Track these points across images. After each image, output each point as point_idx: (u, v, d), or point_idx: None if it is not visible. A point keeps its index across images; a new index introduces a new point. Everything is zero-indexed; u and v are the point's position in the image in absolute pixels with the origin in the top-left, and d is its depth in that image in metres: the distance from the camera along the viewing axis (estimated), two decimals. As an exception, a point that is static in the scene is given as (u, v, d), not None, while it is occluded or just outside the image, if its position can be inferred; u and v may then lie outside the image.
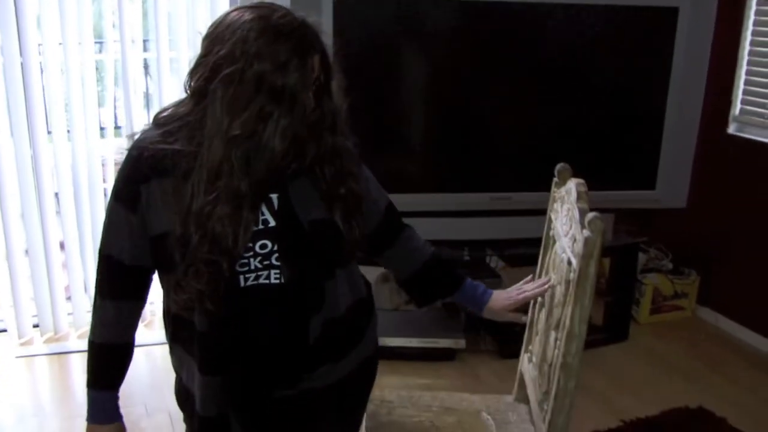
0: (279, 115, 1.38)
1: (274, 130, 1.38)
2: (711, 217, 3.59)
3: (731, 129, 3.50)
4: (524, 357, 2.06)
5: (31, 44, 3.02)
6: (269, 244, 1.46)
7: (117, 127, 3.34)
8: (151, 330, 3.32)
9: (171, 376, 1.84)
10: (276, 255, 1.46)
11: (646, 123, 3.16)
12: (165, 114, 1.49)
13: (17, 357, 3.20)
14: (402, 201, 3.08)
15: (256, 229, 1.44)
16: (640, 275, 3.62)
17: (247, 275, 1.45)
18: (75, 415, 2.80)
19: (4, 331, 3.34)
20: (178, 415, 1.88)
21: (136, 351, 1.75)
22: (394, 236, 1.78)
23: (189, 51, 3.22)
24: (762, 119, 3.35)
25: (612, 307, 3.46)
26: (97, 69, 3.23)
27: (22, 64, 3.02)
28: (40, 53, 3.07)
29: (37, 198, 3.20)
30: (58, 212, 3.29)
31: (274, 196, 1.47)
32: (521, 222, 3.06)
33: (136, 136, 1.48)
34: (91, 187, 3.25)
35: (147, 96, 3.48)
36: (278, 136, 1.38)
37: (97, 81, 3.22)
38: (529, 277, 1.91)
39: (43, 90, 3.13)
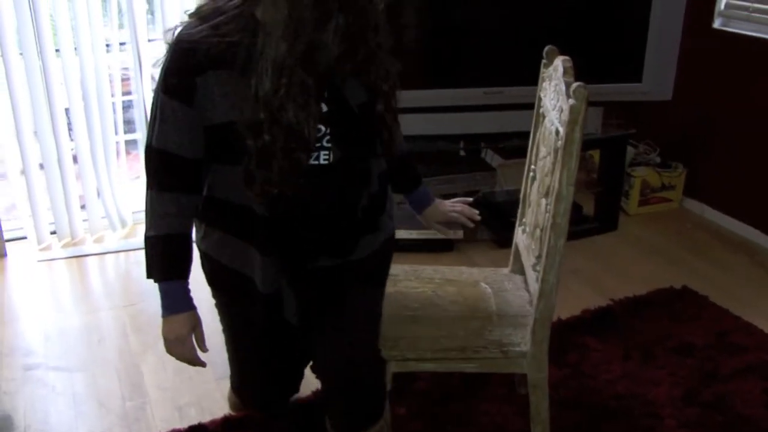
0: (339, 14, 1.44)
1: (335, 28, 1.44)
2: (697, 110, 3.72)
3: (716, 23, 3.59)
4: (518, 230, 2.23)
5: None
6: (322, 128, 1.55)
7: (122, 44, 3.44)
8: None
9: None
10: (327, 138, 1.56)
11: (632, 16, 3.25)
12: (208, 7, 1.51)
13: (38, 261, 3.38)
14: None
15: None
16: (629, 168, 3.77)
17: None
18: (94, 310, 3.01)
19: (24, 238, 3.51)
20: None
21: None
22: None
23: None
24: (747, 13, 3.43)
25: (602, 199, 3.62)
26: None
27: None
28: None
29: (49, 113, 3.31)
30: (70, 128, 3.42)
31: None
32: (514, 116, 3.20)
33: (177, 30, 1.50)
34: (100, 100, 3.36)
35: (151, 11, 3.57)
36: (338, 35, 1.45)
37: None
38: (466, 198, 2.11)
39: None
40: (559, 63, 1.87)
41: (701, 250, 3.48)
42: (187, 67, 1.47)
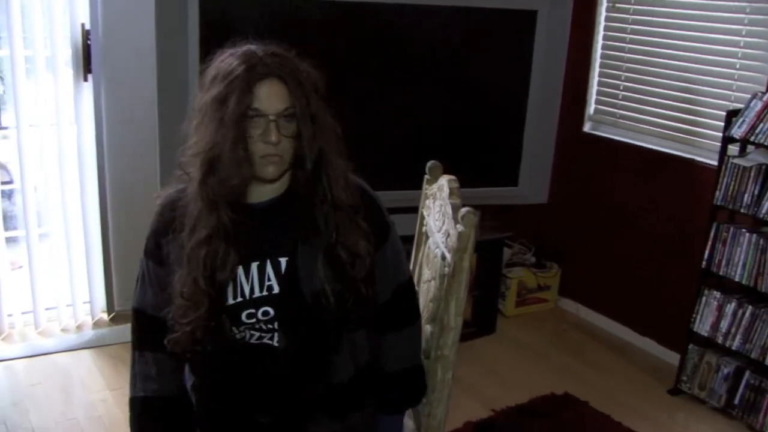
0: (257, 141, 1.39)
1: (260, 161, 1.40)
2: (570, 211, 3.76)
3: (586, 127, 3.68)
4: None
5: None
6: (271, 312, 1.48)
7: (3, 128, 3.19)
8: (10, 344, 3.15)
9: (33, 391, 1.75)
10: (277, 322, 1.49)
11: (508, 122, 3.28)
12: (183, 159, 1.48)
13: None
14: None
15: (260, 295, 1.47)
16: (505, 269, 3.75)
17: (252, 332, 1.49)
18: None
19: None
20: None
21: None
22: (396, 325, 1.67)
23: (45, 49, 3.08)
24: (614, 118, 3.54)
25: (480, 302, 3.55)
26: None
27: None
28: None
29: None
30: None
31: (283, 260, 1.48)
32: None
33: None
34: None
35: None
36: (270, 167, 1.41)
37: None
38: None
39: None
40: (445, 183, 1.79)
41: (579, 351, 3.47)
42: (157, 228, 1.51)
